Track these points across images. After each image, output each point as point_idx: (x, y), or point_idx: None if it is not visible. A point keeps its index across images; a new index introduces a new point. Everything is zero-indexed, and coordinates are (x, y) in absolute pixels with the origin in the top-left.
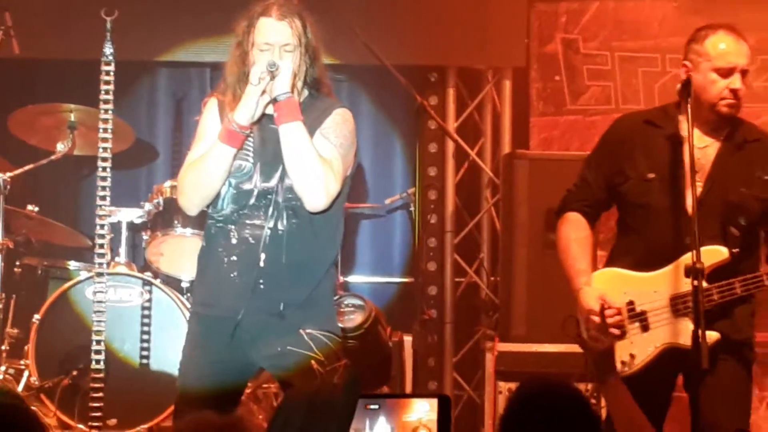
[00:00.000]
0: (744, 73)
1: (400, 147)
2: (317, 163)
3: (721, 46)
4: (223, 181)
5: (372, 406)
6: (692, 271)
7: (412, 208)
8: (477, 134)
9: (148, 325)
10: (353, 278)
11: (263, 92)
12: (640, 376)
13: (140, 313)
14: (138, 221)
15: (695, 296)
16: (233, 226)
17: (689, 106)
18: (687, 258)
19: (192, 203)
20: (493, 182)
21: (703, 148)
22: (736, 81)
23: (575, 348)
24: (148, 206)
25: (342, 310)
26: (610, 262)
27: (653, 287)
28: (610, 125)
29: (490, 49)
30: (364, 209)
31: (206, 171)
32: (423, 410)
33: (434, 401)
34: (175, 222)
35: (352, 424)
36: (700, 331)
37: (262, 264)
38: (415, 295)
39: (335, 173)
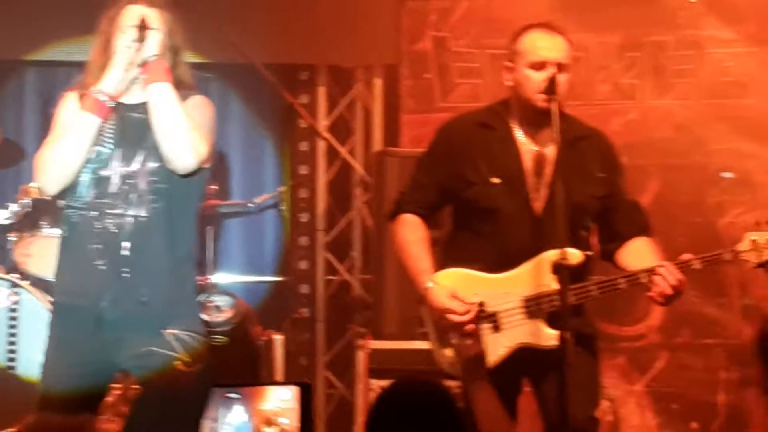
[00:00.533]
0: (562, 67)
1: (272, 146)
2: (186, 122)
3: (534, 42)
4: (84, 156)
5: (230, 395)
6: (559, 269)
7: (283, 207)
8: (348, 132)
9: (16, 327)
10: (225, 277)
11: (131, 65)
12: (492, 375)
13: (7, 315)
14: (5, 222)
15: (563, 293)
16: (94, 214)
17: (554, 105)
18: (540, 260)
19: (51, 179)
20: (364, 180)
21: (542, 148)
22: (547, 73)
23: None
24: (15, 207)
25: (211, 305)
26: (451, 264)
27: (504, 288)
28: (441, 129)
29: (360, 47)
30: (235, 208)
31: (68, 143)
32: (282, 398)
33: (295, 389)
34: (43, 223)
35: (209, 413)
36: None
37: (125, 252)
38: (286, 293)
39: (202, 136)
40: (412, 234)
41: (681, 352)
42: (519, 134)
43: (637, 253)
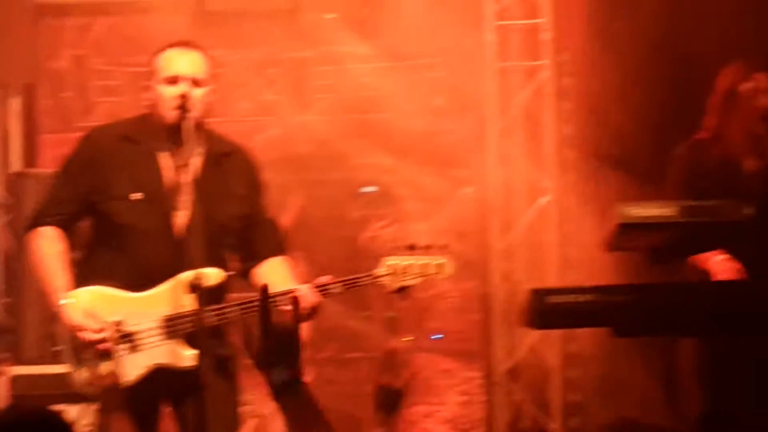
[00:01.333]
0: (197, 83)
1: None
2: None
3: (167, 59)
4: None
5: None
6: (195, 290)
7: None
8: None
9: None
10: None
11: None
12: (130, 395)
13: None
14: None
15: (199, 314)
16: None
17: (187, 121)
18: (178, 280)
19: None
20: (3, 202)
21: (183, 165)
22: (181, 87)
23: None
24: None
25: None
26: (90, 281)
27: (143, 308)
28: (82, 139)
29: None
30: None
31: None
32: None
33: None
34: None
35: None
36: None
37: None
38: None
39: None
40: (49, 248)
41: (327, 367)
42: (160, 150)
43: (273, 273)
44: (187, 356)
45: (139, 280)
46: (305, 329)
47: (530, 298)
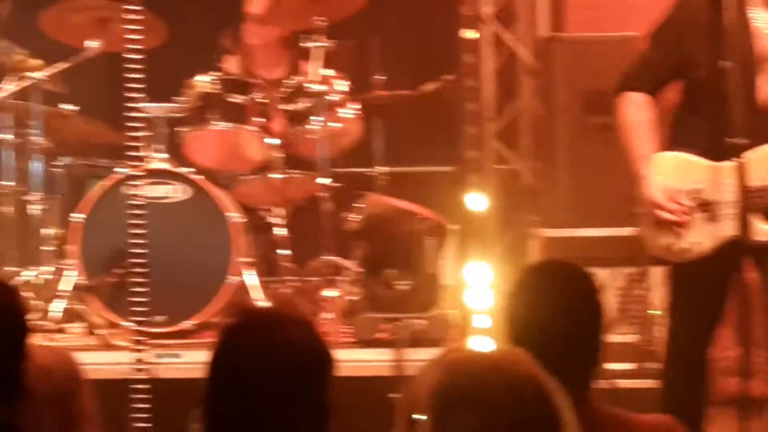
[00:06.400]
0: None
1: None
2: None
3: None
4: None
5: None
6: None
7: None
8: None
9: (189, 221)
10: None
11: None
12: (701, 264)
13: (181, 209)
14: (174, 116)
15: None
16: None
17: None
18: (761, 153)
19: None
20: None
21: None
22: None
23: (614, 232)
24: (183, 101)
25: None
26: (673, 146)
27: (722, 178)
28: (675, 4)
29: None
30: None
31: None
32: None
33: None
34: (212, 115)
35: None
36: None
37: None
38: None
39: None
40: (637, 114)
41: None
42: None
43: None
44: (762, 230)
45: (719, 149)
46: None
47: None
